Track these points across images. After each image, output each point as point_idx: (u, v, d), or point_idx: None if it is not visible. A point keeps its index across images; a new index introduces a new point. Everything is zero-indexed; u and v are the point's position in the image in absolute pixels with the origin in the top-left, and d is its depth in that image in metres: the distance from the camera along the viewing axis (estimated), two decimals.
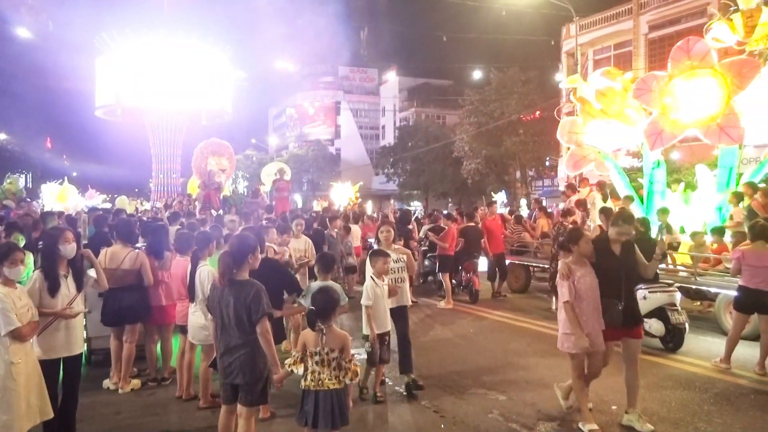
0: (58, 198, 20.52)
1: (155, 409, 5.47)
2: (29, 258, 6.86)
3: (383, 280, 5.54)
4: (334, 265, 5.71)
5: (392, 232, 6.04)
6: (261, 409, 4.74)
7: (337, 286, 5.05)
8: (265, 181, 21.29)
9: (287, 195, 18.49)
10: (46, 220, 8.86)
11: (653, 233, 9.25)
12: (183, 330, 5.70)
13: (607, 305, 4.84)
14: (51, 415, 4.12)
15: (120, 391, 5.84)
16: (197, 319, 5.28)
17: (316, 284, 5.11)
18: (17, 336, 3.86)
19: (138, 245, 7.10)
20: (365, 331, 5.52)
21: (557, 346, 5.02)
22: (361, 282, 8.64)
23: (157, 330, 6.22)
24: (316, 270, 5.44)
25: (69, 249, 4.50)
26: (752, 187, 9.55)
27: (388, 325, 5.65)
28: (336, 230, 11.35)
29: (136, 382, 6.02)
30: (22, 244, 6.31)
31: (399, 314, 5.93)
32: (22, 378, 3.90)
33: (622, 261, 4.93)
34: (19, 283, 4.21)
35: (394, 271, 5.84)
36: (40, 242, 6.79)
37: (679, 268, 9.31)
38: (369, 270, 5.67)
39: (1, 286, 3.93)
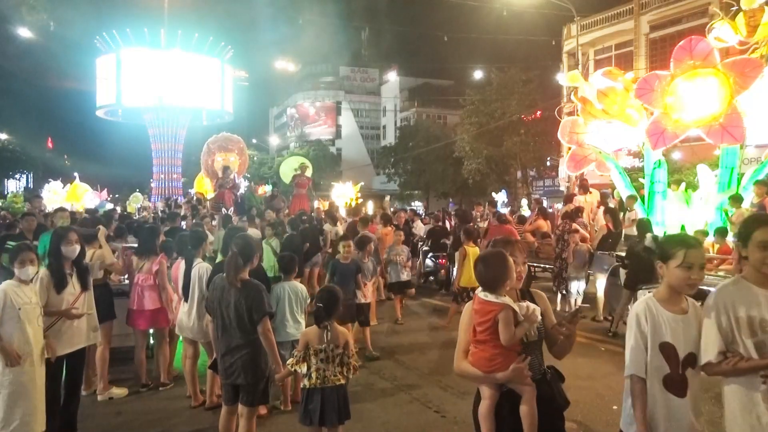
0: (68, 197, 20.24)
1: (155, 409, 5.47)
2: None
3: None
4: (295, 267, 5.55)
5: None
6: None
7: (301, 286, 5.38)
8: (285, 176, 20.32)
9: (306, 192, 17.14)
10: (22, 220, 8.00)
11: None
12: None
13: None
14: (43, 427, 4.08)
15: (99, 397, 5.57)
16: (186, 318, 5.31)
17: (281, 285, 5.31)
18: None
19: (131, 244, 7.13)
20: None
21: None
22: None
23: (142, 334, 6.01)
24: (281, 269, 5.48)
25: (70, 250, 4.51)
26: (764, 185, 9.52)
27: None
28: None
29: (118, 391, 5.70)
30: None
31: None
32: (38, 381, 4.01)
33: None
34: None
35: None
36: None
37: None
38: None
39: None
